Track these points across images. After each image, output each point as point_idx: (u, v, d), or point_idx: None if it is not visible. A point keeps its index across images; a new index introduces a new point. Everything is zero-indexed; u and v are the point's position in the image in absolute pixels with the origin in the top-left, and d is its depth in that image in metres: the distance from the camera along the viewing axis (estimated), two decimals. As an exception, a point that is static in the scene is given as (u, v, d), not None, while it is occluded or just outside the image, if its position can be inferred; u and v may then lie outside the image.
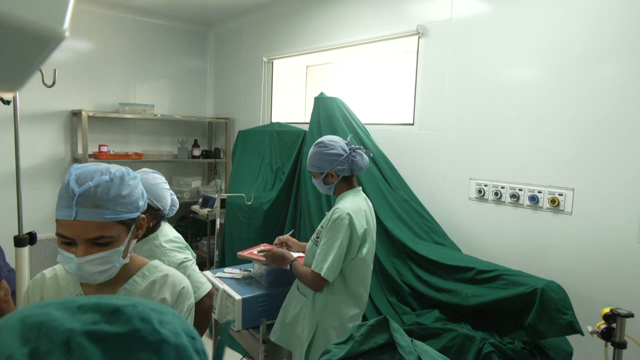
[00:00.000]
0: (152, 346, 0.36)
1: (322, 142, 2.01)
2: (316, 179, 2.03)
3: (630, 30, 1.98)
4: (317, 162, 1.98)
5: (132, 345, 0.36)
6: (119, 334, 0.35)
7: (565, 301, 1.87)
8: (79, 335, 0.35)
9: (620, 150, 2.03)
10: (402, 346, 0.92)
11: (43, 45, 0.56)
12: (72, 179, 0.97)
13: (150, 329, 0.37)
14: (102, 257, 0.99)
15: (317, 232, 1.97)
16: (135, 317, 0.37)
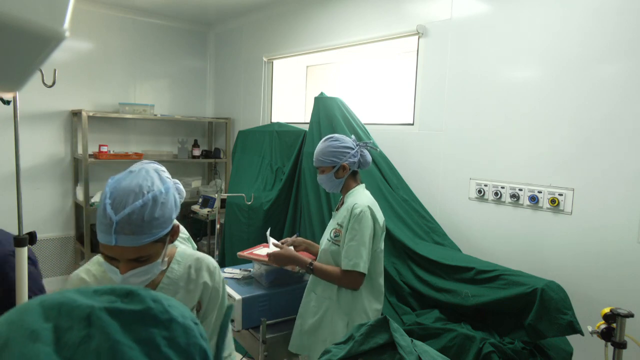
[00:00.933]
0: (163, 323, 0.40)
1: (333, 136, 2.01)
2: (325, 174, 1.99)
3: (630, 30, 1.98)
4: (329, 155, 1.96)
5: (146, 321, 0.39)
6: (134, 311, 0.39)
7: (565, 301, 1.87)
8: (99, 311, 0.38)
9: (620, 150, 2.03)
10: (402, 346, 0.92)
11: (43, 45, 0.56)
12: (109, 204, 1.02)
13: (162, 308, 0.41)
14: (143, 271, 1.09)
15: (335, 230, 1.94)
16: (147, 298, 0.41)
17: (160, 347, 0.38)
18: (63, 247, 4.18)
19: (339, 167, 1.97)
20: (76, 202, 4.15)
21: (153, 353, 0.38)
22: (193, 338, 0.42)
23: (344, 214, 1.92)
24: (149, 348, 0.38)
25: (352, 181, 2.02)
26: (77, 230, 4.23)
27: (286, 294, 2.16)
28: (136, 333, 0.38)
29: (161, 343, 0.39)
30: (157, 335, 0.39)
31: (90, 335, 0.37)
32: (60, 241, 4.16)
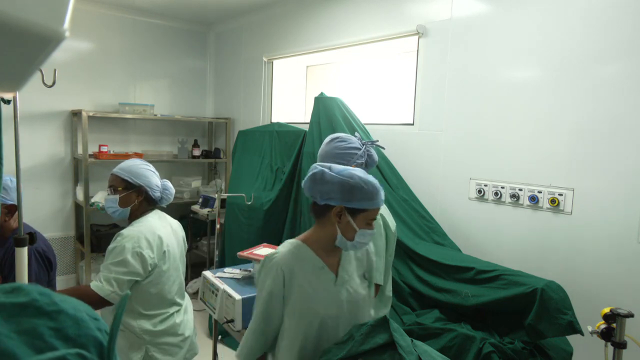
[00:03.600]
0: (49, 314, 0.40)
1: (339, 137, 1.90)
2: None
3: (630, 30, 1.98)
4: (336, 157, 1.85)
5: (29, 312, 0.39)
6: (16, 303, 0.39)
7: (565, 301, 1.87)
8: None
9: (620, 150, 2.03)
10: (402, 346, 0.92)
11: (43, 45, 0.56)
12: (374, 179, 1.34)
13: (49, 300, 0.41)
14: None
15: None
16: (34, 292, 0.41)
17: (44, 337, 0.39)
18: (63, 247, 4.18)
19: None
20: (76, 202, 4.15)
21: (36, 342, 0.38)
22: (85, 329, 0.42)
23: None
24: (31, 338, 0.38)
25: None
26: (77, 230, 4.23)
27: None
28: (18, 324, 0.38)
29: (45, 333, 0.39)
30: (41, 326, 0.39)
31: None
32: (61, 241, 4.16)
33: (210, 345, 2.60)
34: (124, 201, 1.89)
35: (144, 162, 1.96)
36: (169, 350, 1.90)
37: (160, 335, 1.88)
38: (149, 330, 1.85)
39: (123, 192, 1.89)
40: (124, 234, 1.81)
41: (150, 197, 1.93)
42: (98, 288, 1.70)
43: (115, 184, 1.91)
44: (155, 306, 1.88)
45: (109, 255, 1.79)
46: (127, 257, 1.74)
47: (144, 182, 1.90)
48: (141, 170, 1.91)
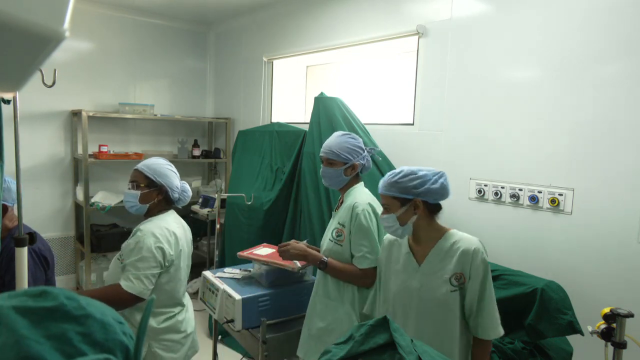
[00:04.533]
0: (77, 319, 0.40)
1: (350, 133, 1.99)
2: (334, 168, 1.94)
3: (630, 30, 1.98)
4: (346, 151, 1.92)
5: (57, 317, 0.39)
6: (44, 307, 0.39)
7: (565, 301, 1.87)
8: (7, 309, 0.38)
9: (620, 150, 2.03)
10: (402, 346, 0.92)
11: (43, 45, 0.56)
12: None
13: (76, 304, 0.41)
14: None
15: (337, 230, 1.90)
16: (61, 296, 0.41)
17: (73, 342, 0.38)
18: (63, 247, 4.18)
19: (350, 166, 1.94)
20: (76, 202, 4.15)
21: (65, 347, 0.38)
22: (112, 334, 0.41)
23: (345, 213, 1.89)
24: (60, 343, 0.38)
25: (354, 179, 1.99)
26: (77, 230, 4.23)
27: (286, 294, 2.16)
28: (46, 329, 0.38)
29: (74, 338, 0.39)
30: (70, 331, 0.39)
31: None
32: (61, 241, 4.16)
33: (210, 345, 2.60)
34: (144, 198, 1.93)
35: (168, 163, 2.01)
36: (171, 347, 1.93)
37: (163, 333, 1.91)
38: (153, 327, 1.88)
39: (145, 189, 1.92)
40: (144, 229, 1.85)
41: (169, 198, 1.97)
42: (130, 287, 1.76)
43: (138, 180, 1.93)
44: (164, 304, 1.92)
45: (130, 252, 1.82)
46: (151, 252, 1.81)
47: (166, 182, 1.94)
48: (165, 170, 1.96)
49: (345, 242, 1.88)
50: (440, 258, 1.57)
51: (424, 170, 1.61)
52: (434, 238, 1.61)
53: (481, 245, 1.56)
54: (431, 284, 1.56)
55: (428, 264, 1.58)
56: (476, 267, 1.52)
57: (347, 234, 1.87)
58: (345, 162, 1.93)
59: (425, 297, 1.56)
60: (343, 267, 1.87)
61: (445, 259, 1.56)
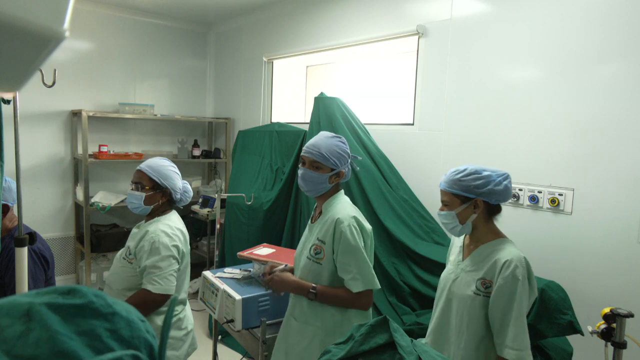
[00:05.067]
0: (105, 316, 0.41)
1: (341, 137, 1.78)
2: (319, 173, 1.70)
3: (630, 30, 1.98)
4: (335, 155, 1.70)
5: (86, 314, 0.40)
6: (75, 304, 0.40)
7: (565, 301, 1.87)
8: (39, 306, 0.39)
9: (620, 150, 2.03)
10: (402, 346, 0.92)
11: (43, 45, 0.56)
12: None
13: (104, 302, 0.42)
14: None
15: (316, 247, 1.69)
16: (90, 294, 0.42)
17: (102, 338, 0.39)
18: (63, 247, 4.18)
19: (337, 173, 1.73)
20: (76, 202, 4.15)
21: (95, 343, 0.39)
22: (137, 331, 0.43)
23: (326, 229, 1.68)
24: (90, 339, 0.39)
25: (333, 190, 1.78)
26: (77, 230, 4.23)
27: (286, 294, 2.16)
28: (77, 325, 0.39)
29: (103, 334, 0.40)
30: (99, 327, 0.40)
31: (29, 328, 0.37)
32: (60, 241, 4.16)
33: (210, 345, 2.60)
34: (148, 200, 1.93)
35: (171, 164, 2.01)
36: (173, 345, 1.95)
37: None
38: (157, 326, 1.89)
39: (150, 192, 1.93)
40: (155, 230, 1.86)
41: (172, 199, 1.99)
42: (160, 289, 1.79)
43: (143, 182, 1.93)
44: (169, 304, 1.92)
45: (147, 253, 1.82)
46: (170, 250, 1.84)
47: (170, 184, 1.95)
48: (169, 173, 1.96)
49: (325, 261, 1.68)
50: (479, 260, 1.58)
51: (488, 170, 1.59)
52: (486, 240, 1.62)
53: (521, 262, 1.49)
54: (462, 281, 1.59)
55: (468, 261, 1.62)
56: (504, 279, 1.47)
57: (328, 253, 1.67)
58: (332, 168, 1.72)
59: (454, 291, 1.61)
60: (335, 294, 1.67)
61: (482, 262, 1.57)
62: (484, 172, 1.57)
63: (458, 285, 1.60)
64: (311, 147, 1.72)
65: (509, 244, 1.59)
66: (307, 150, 1.73)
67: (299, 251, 1.83)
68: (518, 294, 1.45)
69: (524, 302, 1.47)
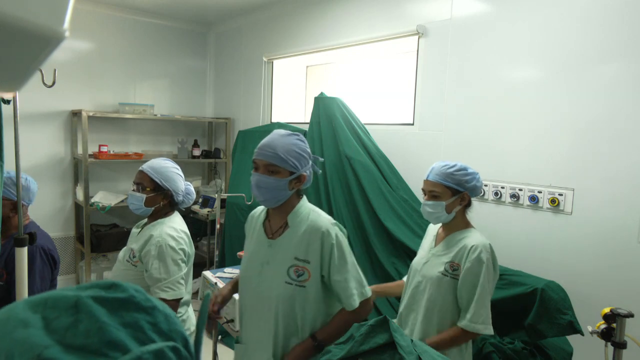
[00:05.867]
0: (146, 310, 0.43)
1: (299, 134, 1.53)
2: (276, 178, 1.45)
3: (630, 30, 1.98)
4: (294, 156, 1.46)
5: (130, 307, 0.43)
6: (118, 298, 0.42)
7: (565, 301, 1.87)
8: (86, 299, 0.41)
9: (620, 150, 2.03)
10: (402, 346, 0.92)
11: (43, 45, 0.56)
12: None
13: (144, 297, 0.44)
14: None
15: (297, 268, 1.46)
16: (130, 288, 0.44)
17: (145, 330, 0.42)
18: (63, 247, 4.18)
19: (297, 177, 1.48)
20: (76, 202, 4.15)
21: (139, 335, 0.41)
22: (174, 325, 0.45)
23: (306, 245, 1.47)
24: (134, 330, 0.41)
25: (295, 198, 1.55)
26: (77, 230, 4.23)
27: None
28: (122, 318, 0.41)
29: (145, 327, 0.42)
30: (142, 320, 0.42)
31: (78, 320, 0.39)
32: (60, 241, 4.16)
33: (210, 345, 2.60)
34: (149, 201, 1.91)
35: (174, 165, 1.98)
36: None
37: None
38: None
39: (151, 193, 1.90)
40: (160, 234, 1.84)
41: (173, 201, 1.96)
42: (173, 295, 1.79)
43: (144, 183, 1.91)
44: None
45: (153, 259, 1.80)
46: (177, 254, 1.83)
47: (172, 186, 1.92)
48: (171, 174, 1.93)
49: (310, 283, 1.46)
50: (449, 245, 1.71)
51: (463, 164, 1.75)
52: (457, 229, 1.74)
53: (486, 248, 1.63)
54: (432, 264, 1.71)
55: (439, 247, 1.74)
56: (470, 262, 1.60)
57: (314, 273, 1.46)
58: (292, 172, 1.46)
59: (425, 273, 1.72)
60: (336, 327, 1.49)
61: (452, 247, 1.69)
62: (469, 169, 1.74)
63: (428, 267, 1.72)
64: (265, 148, 1.46)
65: (476, 232, 1.72)
66: (259, 152, 1.47)
67: (254, 273, 1.54)
68: (483, 275, 1.58)
69: (488, 283, 1.60)
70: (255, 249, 1.56)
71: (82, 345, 0.38)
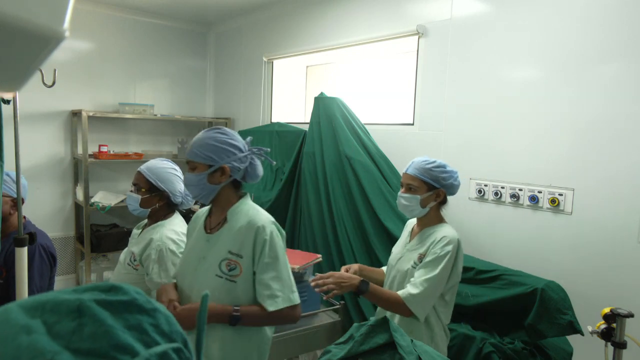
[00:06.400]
0: (148, 312, 0.43)
1: (221, 129, 1.53)
2: (194, 174, 1.48)
3: (630, 30, 1.98)
4: (210, 149, 1.46)
5: (133, 310, 0.42)
6: (121, 301, 0.42)
7: (565, 301, 1.87)
8: (89, 302, 0.40)
9: (620, 150, 2.03)
10: (402, 346, 0.92)
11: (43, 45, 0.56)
12: None
13: (145, 299, 0.44)
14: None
15: (229, 262, 1.47)
16: (131, 291, 0.44)
17: (149, 333, 0.41)
18: (63, 247, 4.18)
19: (217, 169, 1.48)
20: (76, 202, 4.15)
21: (144, 337, 0.41)
22: (175, 326, 0.45)
23: (242, 240, 1.47)
24: (139, 333, 0.41)
25: (234, 194, 1.55)
26: (77, 230, 4.23)
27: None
28: (126, 320, 0.41)
29: (149, 329, 0.42)
30: (145, 322, 0.42)
31: (82, 324, 0.39)
32: (60, 241, 4.16)
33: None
34: (145, 202, 1.89)
35: (172, 166, 1.95)
36: None
37: None
38: None
39: (146, 194, 1.89)
40: (160, 237, 1.82)
41: (171, 202, 1.94)
42: None
43: (140, 184, 1.90)
44: None
45: (154, 262, 1.79)
46: (177, 257, 1.79)
47: (168, 187, 1.89)
48: (168, 175, 1.90)
49: (241, 278, 1.45)
50: (420, 240, 1.76)
51: (444, 162, 1.76)
52: (431, 224, 1.77)
53: (455, 242, 1.65)
54: (405, 258, 1.77)
55: (413, 242, 1.79)
56: (436, 248, 1.65)
57: (246, 268, 1.45)
58: (210, 165, 1.47)
59: (398, 268, 1.77)
60: (258, 314, 1.45)
61: (422, 241, 1.74)
62: (448, 168, 1.75)
63: (402, 262, 1.77)
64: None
65: (448, 226, 1.75)
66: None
67: (190, 268, 1.53)
68: (443, 264, 1.61)
69: (444, 273, 1.62)
70: (194, 244, 1.58)
71: (90, 349, 0.37)
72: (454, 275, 1.67)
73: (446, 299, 1.69)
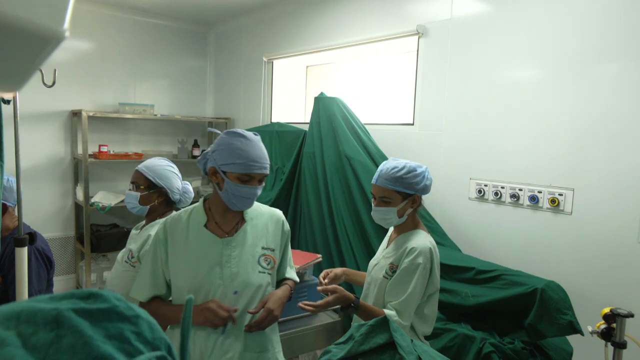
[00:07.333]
0: (130, 319, 0.41)
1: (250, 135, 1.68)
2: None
3: (630, 30, 1.98)
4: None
5: (113, 318, 0.40)
6: (101, 309, 0.40)
7: (565, 301, 1.87)
8: (67, 312, 0.38)
9: (620, 150, 2.03)
10: (402, 346, 0.92)
11: (43, 45, 0.56)
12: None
13: (126, 306, 0.42)
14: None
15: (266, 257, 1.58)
16: (111, 297, 0.41)
17: (131, 341, 0.39)
18: (63, 247, 4.18)
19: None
20: (76, 202, 4.15)
21: (125, 346, 0.39)
22: (158, 332, 0.43)
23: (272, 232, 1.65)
24: (120, 342, 0.39)
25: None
26: (77, 230, 4.23)
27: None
28: (106, 330, 0.39)
29: (131, 337, 0.40)
30: (126, 330, 0.40)
31: (60, 335, 0.36)
32: (61, 241, 4.16)
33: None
34: (144, 199, 1.91)
35: (169, 164, 1.98)
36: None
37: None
38: None
39: (144, 191, 1.91)
40: None
41: (170, 199, 1.96)
42: None
43: (138, 182, 1.92)
44: None
45: None
46: None
47: (166, 184, 1.92)
48: (165, 172, 1.93)
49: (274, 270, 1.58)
50: (396, 247, 1.68)
51: (411, 164, 1.66)
52: (406, 229, 1.71)
53: (426, 252, 1.59)
54: (379, 266, 1.71)
55: (389, 249, 1.73)
56: (405, 262, 1.58)
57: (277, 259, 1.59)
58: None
59: (373, 275, 1.72)
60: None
61: (397, 249, 1.67)
62: (418, 169, 1.65)
63: (376, 269, 1.72)
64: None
65: (422, 234, 1.67)
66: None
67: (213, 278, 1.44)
68: (415, 279, 1.56)
69: (419, 287, 1.57)
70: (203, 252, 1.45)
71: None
72: (431, 285, 1.61)
73: (425, 312, 1.63)
